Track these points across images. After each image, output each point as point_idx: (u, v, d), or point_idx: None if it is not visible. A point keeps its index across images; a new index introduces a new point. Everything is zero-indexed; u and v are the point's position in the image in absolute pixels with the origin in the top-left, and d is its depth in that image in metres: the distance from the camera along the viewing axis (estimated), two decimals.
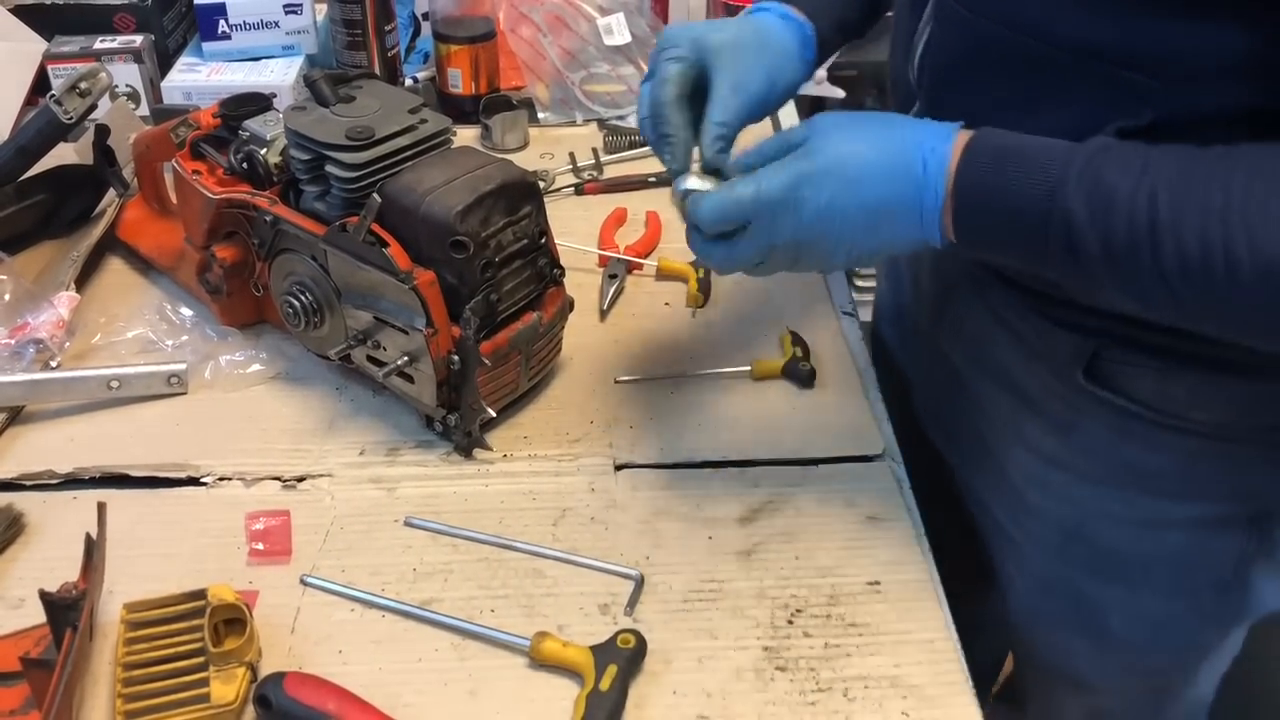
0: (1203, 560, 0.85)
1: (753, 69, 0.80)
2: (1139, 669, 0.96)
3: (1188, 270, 0.61)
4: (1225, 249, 0.59)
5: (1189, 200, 0.61)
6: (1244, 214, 0.59)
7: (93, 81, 1.09)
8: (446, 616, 0.77)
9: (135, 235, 1.14)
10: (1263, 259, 0.58)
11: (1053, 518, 0.89)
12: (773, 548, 0.83)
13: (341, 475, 0.89)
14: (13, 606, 0.79)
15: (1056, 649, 0.98)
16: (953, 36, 0.76)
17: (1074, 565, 0.90)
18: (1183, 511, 0.83)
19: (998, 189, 0.66)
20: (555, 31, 1.44)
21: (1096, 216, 0.63)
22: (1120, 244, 0.62)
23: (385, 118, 0.90)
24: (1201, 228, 0.60)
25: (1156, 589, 0.88)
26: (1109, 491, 0.84)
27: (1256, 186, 0.59)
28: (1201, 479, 0.81)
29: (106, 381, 0.95)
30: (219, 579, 0.78)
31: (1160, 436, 0.79)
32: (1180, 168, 0.62)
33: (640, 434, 0.93)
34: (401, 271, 0.84)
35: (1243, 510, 0.82)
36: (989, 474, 0.94)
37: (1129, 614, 0.90)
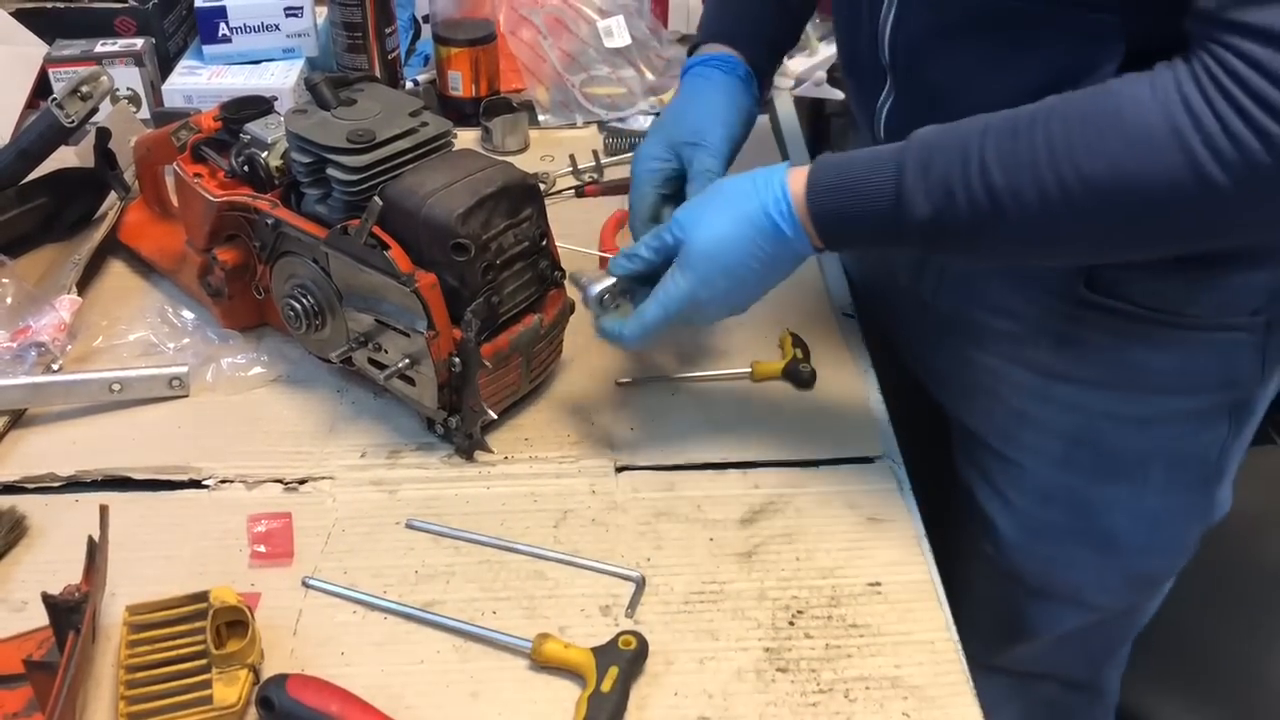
0: (1194, 453, 0.93)
1: (712, 134, 0.93)
2: (1136, 574, 1.02)
3: (1037, 222, 0.69)
4: (1061, 189, 0.67)
5: (1016, 163, 0.68)
6: (1067, 153, 0.67)
7: (94, 85, 1.09)
8: (448, 618, 0.77)
9: (136, 238, 1.14)
10: (1095, 183, 0.66)
11: (1055, 428, 0.94)
12: (773, 549, 0.83)
13: (343, 478, 0.89)
14: (15, 609, 0.79)
15: (1059, 563, 1.02)
16: (920, 11, 0.81)
17: (1078, 472, 0.95)
18: (1179, 405, 0.90)
19: (850, 218, 0.76)
20: (555, 34, 1.44)
21: (942, 211, 0.71)
22: (971, 224, 0.71)
23: (386, 121, 0.90)
24: (1035, 181, 0.68)
25: (1155, 486, 0.94)
26: (1111, 394, 0.90)
27: (1071, 129, 0.67)
28: (1195, 371, 0.88)
29: (108, 384, 0.95)
30: (221, 581, 0.78)
31: (1158, 335, 0.86)
32: (998, 138, 0.70)
33: (641, 436, 0.93)
34: (403, 274, 0.84)
35: (1226, 400, 0.90)
36: (982, 405, 0.98)
37: (1132, 514, 0.96)
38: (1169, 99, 0.64)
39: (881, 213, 0.74)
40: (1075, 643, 1.09)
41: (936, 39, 0.81)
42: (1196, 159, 0.63)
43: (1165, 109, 0.64)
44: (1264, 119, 0.61)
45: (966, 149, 0.70)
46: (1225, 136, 0.62)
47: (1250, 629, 1.28)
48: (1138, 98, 0.65)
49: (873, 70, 0.88)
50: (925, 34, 0.82)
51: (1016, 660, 1.12)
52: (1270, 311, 0.85)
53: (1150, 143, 0.64)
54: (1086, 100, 0.68)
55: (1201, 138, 0.63)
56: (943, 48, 0.81)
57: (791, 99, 1.48)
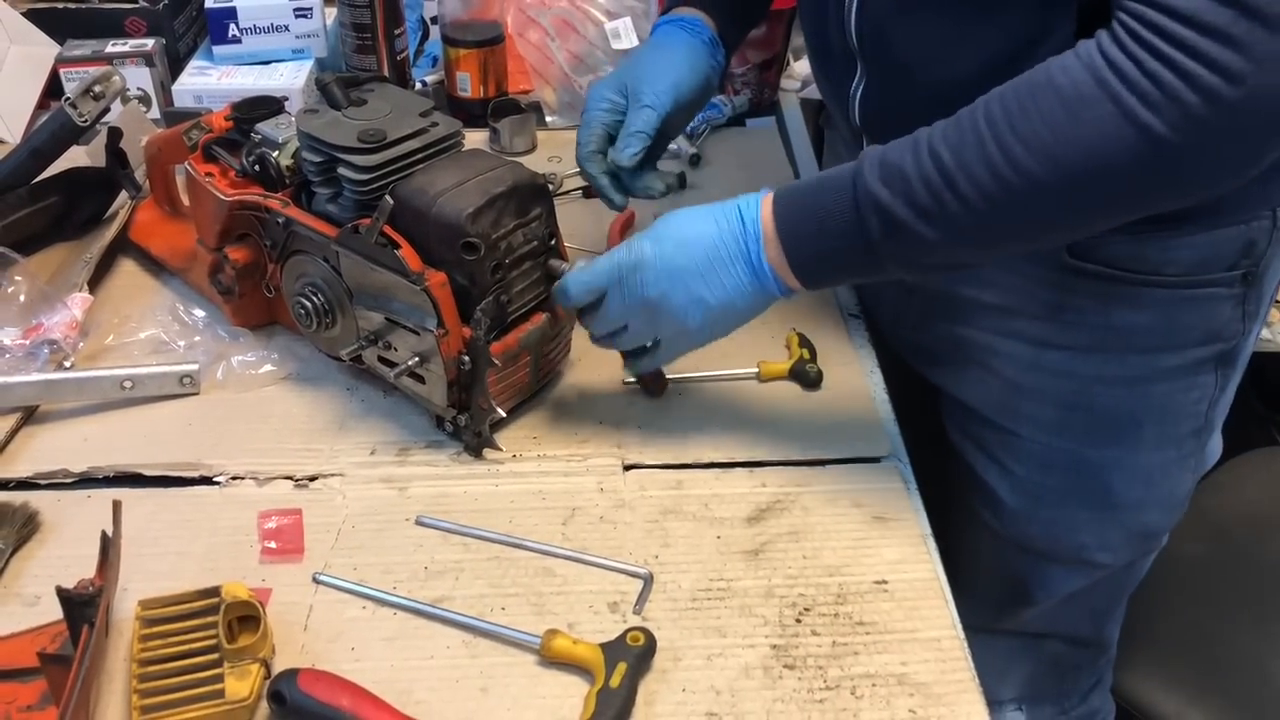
0: (1184, 407, 0.96)
1: (660, 82, 0.97)
2: (1135, 530, 1.04)
3: (990, 196, 0.70)
4: (1008, 162, 0.69)
5: (964, 144, 0.71)
6: (1008, 126, 0.69)
7: (106, 85, 1.10)
8: (458, 614, 0.78)
9: (147, 237, 1.15)
10: (1038, 149, 0.68)
11: (1049, 396, 0.96)
12: (780, 547, 0.83)
13: (353, 475, 0.90)
14: (29, 604, 0.79)
15: (1060, 526, 1.04)
16: None
17: (1073, 436, 0.97)
18: (1166, 361, 0.92)
19: (812, 207, 0.78)
20: (563, 35, 1.45)
21: (898, 190, 0.73)
22: (928, 203, 0.72)
23: (396, 121, 0.91)
24: (983, 158, 0.70)
25: (1148, 443, 0.97)
26: (1101, 357, 0.93)
27: (1009, 105, 0.69)
28: (1179, 328, 0.90)
29: (120, 382, 0.96)
30: (232, 577, 0.78)
31: (1142, 295, 0.88)
32: (941, 128, 0.72)
33: (648, 434, 0.94)
34: (413, 273, 0.85)
35: (1210, 353, 0.92)
36: (975, 379, 1.00)
37: (1127, 472, 0.99)
38: (1092, 58, 0.66)
39: (846, 221, 0.76)
40: (1079, 601, 1.11)
41: (899, 16, 0.84)
42: (1127, 107, 0.64)
43: (1090, 67, 0.66)
44: (1185, 60, 0.62)
45: (916, 141, 0.74)
46: (1150, 82, 0.63)
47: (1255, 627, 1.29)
48: (1065, 64, 0.68)
49: (843, 57, 0.91)
50: (888, 12, 0.85)
51: (1023, 623, 1.14)
52: (1245, 265, 0.88)
53: (1081, 100, 0.66)
54: (1022, 79, 0.70)
55: (1127, 86, 0.64)
56: (906, 24, 0.84)
57: (798, 101, 1.49)
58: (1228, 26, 0.60)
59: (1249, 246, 0.87)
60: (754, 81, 1.43)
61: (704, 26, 1.01)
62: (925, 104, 0.83)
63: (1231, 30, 0.60)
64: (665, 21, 1.03)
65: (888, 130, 0.90)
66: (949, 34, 0.81)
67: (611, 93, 0.99)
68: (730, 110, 1.40)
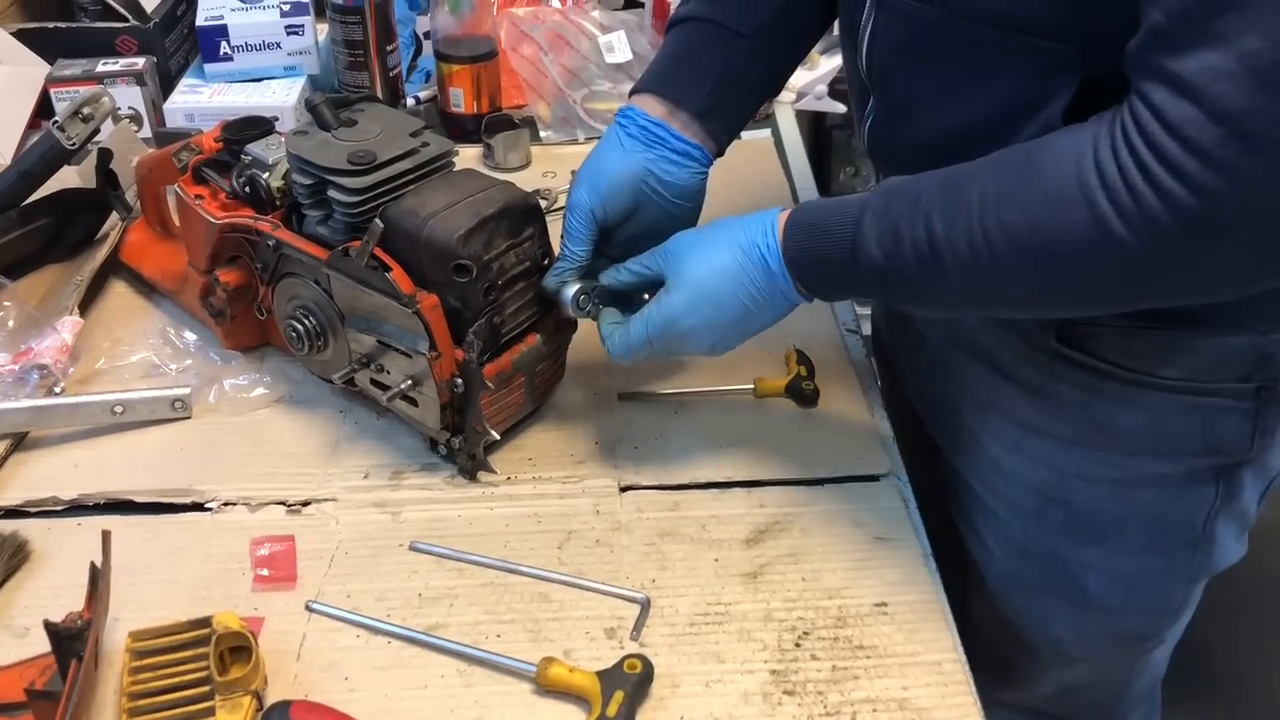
0: (1175, 517, 0.90)
1: (578, 197, 0.89)
2: (1116, 633, 0.99)
3: (967, 270, 0.70)
4: (986, 241, 0.68)
5: (956, 215, 0.70)
6: (994, 205, 0.68)
7: (95, 106, 1.09)
8: (452, 642, 0.77)
9: (138, 258, 1.14)
10: (1015, 238, 0.67)
11: (1029, 482, 0.93)
12: (779, 569, 0.83)
13: (346, 499, 0.89)
14: (17, 635, 0.78)
15: (1035, 615, 1.00)
16: (893, 26, 0.81)
17: (1050, 529, 0.93)
18: (1155, 468, 0.87)
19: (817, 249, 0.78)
20: (556, 50, 1.45)
21: (889, 253, 0.73)
22: (914, 268, 0.72)
23: (387, 141, 0.90)
24: (967, 232, 0.69)
25: (1131, 548, 0.92)
26: (1083, 452, 0.88)
27: (1002, 184, 0.68)
28: (1172, 435, 0.85)
29: (110, 407, 0.95)
30: (224, 605, 0.77)
31: (1131, 394, 0.83)
32: (944, 189, 0.71)
33: (645, 455, 0.93)
34: (404, 295, 0.84)
35: (1210, 464, 0.86)
36: (967, 446, 0.98)
37: (1106, 575, 0.94)
38: (1082, 153, 0.64)
39: (842, 254, 0.76)
40: (1080, 691, 1.06)
41: (903, 57, 0.82)
42: (1100, 213, 0.63)
43: (1077, 163, 0.64)
44: (1165, 176, 0.60)
45: (919, 196, 0.72)
46: (1127, 192, 0.61)
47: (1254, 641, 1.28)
48: (1059, 151, 0.66)
49: (859, 84, 0.89)
50: (894, 51, 0.83)
51: (1027, 700, 1.09)
52: (1261, 379, 0.82)
53: (1060, 197, 0.65)
54: (1021, 152, 0.69)
55: (1106, 192, 0.62)
56: (910, 66, 0.82)
57: (793, 112, 1.48)
58: (1216, 148, 0.58)
59: (1265, 360, 0.80)
60: None
61: (636, 115, 0.90)
62: (926, 145, 0.82)
63: (1219, 152, 0.58)
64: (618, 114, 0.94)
65: (893, 161, 0.89)
66: (950, 82, 0.78)
67: (585, 208, 0.90)
68: None
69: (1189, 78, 0.58)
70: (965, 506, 1.01)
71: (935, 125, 0.81)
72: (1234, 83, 0.57)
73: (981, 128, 0.77)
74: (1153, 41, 0.61)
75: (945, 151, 0.78)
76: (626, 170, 0.89)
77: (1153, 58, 0.60)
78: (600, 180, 0.89)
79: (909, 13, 0.78)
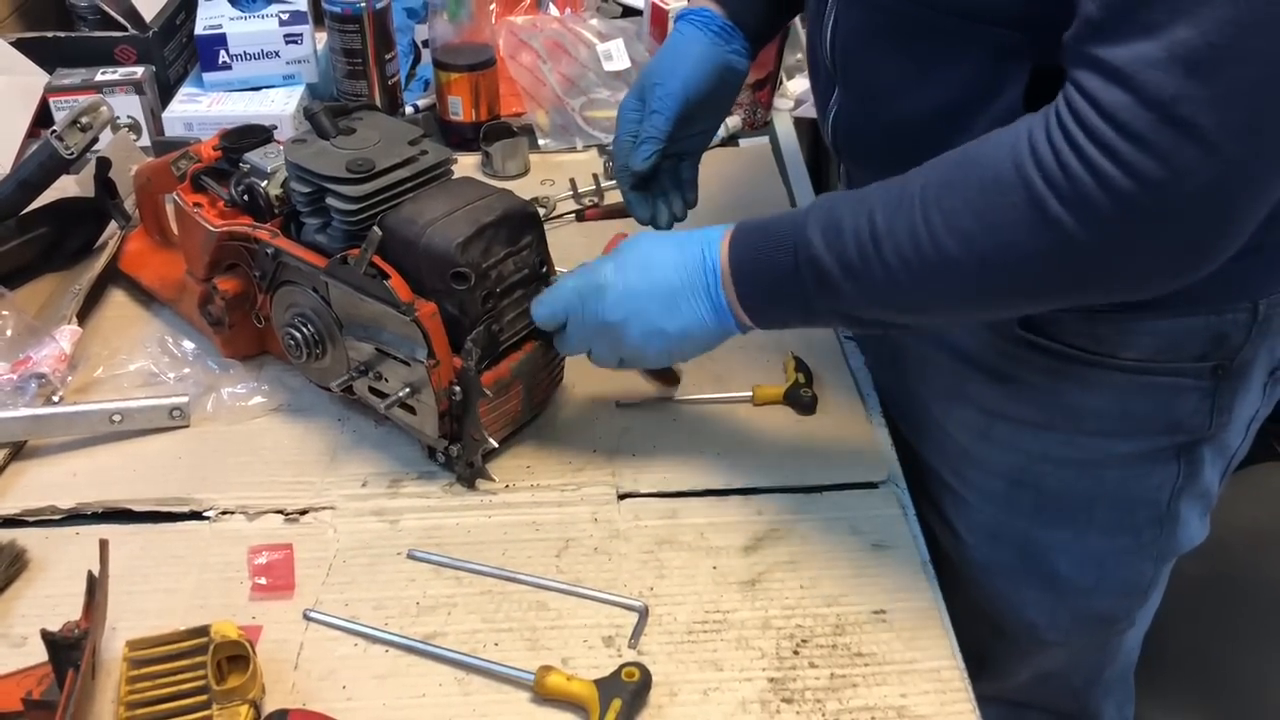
0: (1140, 495, 0.92)
1: (668, 84, 0.96)
2: (1089, 615, 1.01)
3: (909, 264, 0.70)
4: (928, 229, 0.68)
5: (897, 209, 0.70)
6: (937, 203, 0.68)
7: (94, 115, 1.09)
8: (450, 651, 0.77)
9: (137, 267, 1.14)
10: (954, 225, 0.67)
11: (998, 468, 0.94)
12: (777, 576, 0.82)
13: (344, 508, 0.89)
14: (15, 645, 0.78)
15: (1009, 601, 1.01)
16: (854, 13, 0.83)
17: (1020, 512, 0.95)
18: (1120, 448, 0.89)
19: (760, 248, 0.78)
20: (555, 58, 1.45)
21: (831, 243, 0.73)
22: (854, 260, 0.72)
23: (385, 150, 0.90)
24: (909, 226, 0.69)
25: (1100, 528, 0.94)
26: (1050, 435, 0.90)
27: (943, 176, 0.69)
28: (1135, 415, 0.87)
29: (109, 415, 0.95)
30: (222, 614, 0.77)
31: (1094, 376, 0.85)
32: (887, 187, 0.72)
33: (643, 462, 0.93)
34: (403, 303, 0.84)
35: (1171, 443, 0.89)
36: (934, 436, 0.99)
37: (1076, 556, 0.96)
38: (1018, 140, 0.65)
39: (783, 255, 0.76)
40: (1054, 678, 1.08)
41: (864, 43, 0.84)
42: (1038, 198, 0.63)
43: (1013, 148, 0.65)
44: (1100, 158, 0.60)
45: (863, 196, 0.73)
46: (1063, 175, 0.62)
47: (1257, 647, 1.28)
48: (998, 142, 0.67)
49: (825, 75, 0.91)
50: (854, 38, 0.85)
51: (1001, 690, 1.11)
52: (1217, 357, 0.84)
53: (999, 186, 0.65)
54: (963, 150, 0.69)
55: (1042, 175, 0.63)
56: (870, 52, 0.84)
57: (791, 119, 1.48)
58: (1149, 132, 0.59)
59: (1220, 339, 0.83)
60: (747, 101, 1.42)
61: (714, 16, 0.98)
62: (888, 134, 0.84)
63: (1151, 136, 0.59)
64: (679, 18, 1.01)
65: (857, 153, 0.91)
66: (907, 69, 0.80)
67: (635, 101, 0.99)
68: (724, 131, 1.40)
69: (1121, 65, 0.59)
70: (935, 497, 1.02)
71: (895, 113, 0.83)
72: (1164, 70, 0.58)
73: (941, 114, 0.79)
74: (1087, 32, 0.62)
75: (906, 140, 0.80)
76: (712, 61, 0.97)
77: (1086, 47, 0.62)
78: (687, 67, 0.96)
79: (867, 2, 0.81)
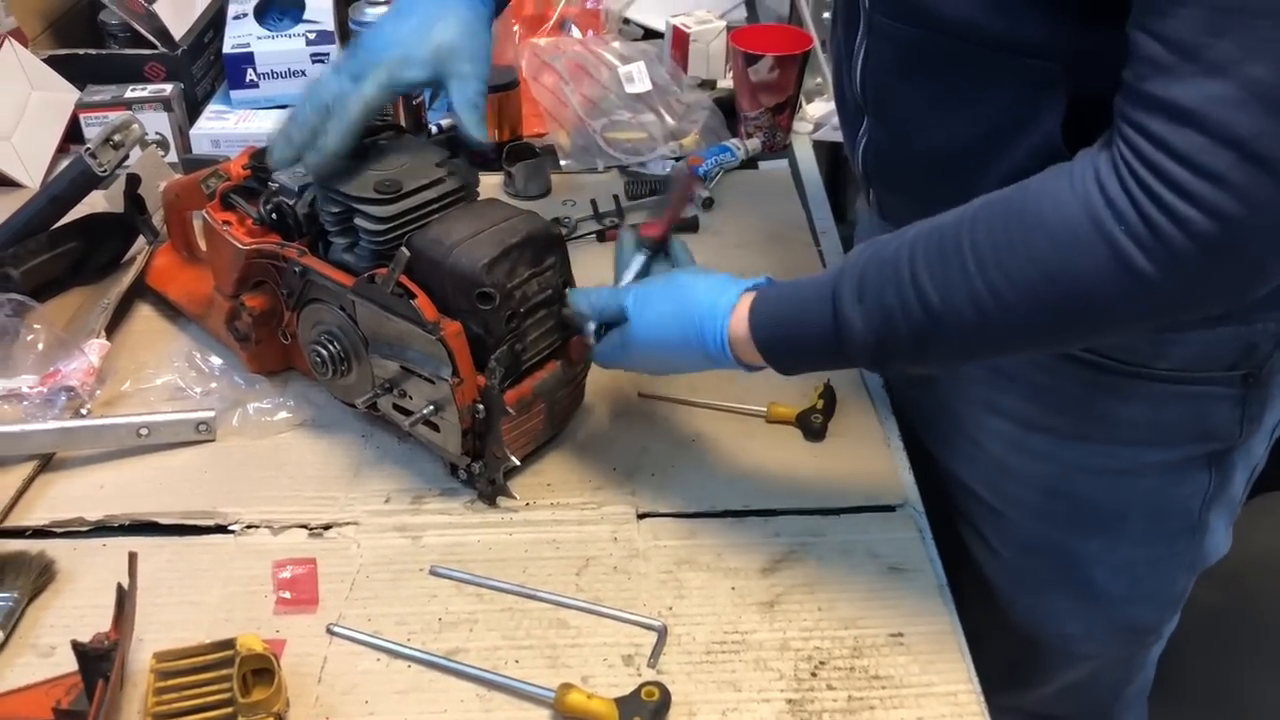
0: (1174, 505, 0.94)
1: None
2: (1123, 624, 1.02)
3: (971, 329, 0.69)
4: (993, 297, 0.67)
5: (950, 282, 0.68)
6: (995, 261, 0.67)
7: (126, 133, 1.11)
8: (471, 667, 0.78)
9: (164, 282, 1.15)
10: (1026, 287, 0.66)
11: (1033, 479, 0.96)
12: (795, 598, 0.83)
13: (367, 523, 0.90)
14: (44, 654, 0.80)
15: (1044, 613, 1.03)
16: (885, 47, 0.84)
17: (1055, 523, 0.97)
18: (1153, 457, 0.91)
19: (796, 349, 0.78)
20: (577, 80, 1.46)
21: (882, 333, 0.72)
22: (913, 341, 0.71)
23: (412, 171, 0.92)
24: (968, 292, 0.68)
25: (1134, 538, 0.95)
26: (1085, 446, 0.92)
27: (997, 238, 0.67)
28: (1168, 424, 0.89)
29: (136, 429, 0.96)
30: (246, 627, 0.78)
31: (1129, 386, 0.87)
32: (926, 253, 0.70)
33: (661, 482, 0.94)
34: (429, 323, 0.85)
35: (1203, 451, 0.91)
36: (966, 452, 1.00)
37: (1111, 565, 0.97)
38: (1088, 192, 0.64)
39: (825, 341, 0.75)
40: (1080, 690, 1.09)
41: (897, 76, 0.84)
42: (1121, 250, 0.62)
43: (1085, 203, 0.64)
44: (1179, 204, 0.60)
45: (898, 269, 0.71)
46: (1144, 225, 0.61)
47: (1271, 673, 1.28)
48: (1057, 195, 0.65)
49: (853, 106, 0.92)
50: (887, 70, 0.85)
51: (1023, 703, 1.12)
52: (1246, 366, 0.86)
53: (1074, 239, 0.64)
54: (1007, 203, 0.68)
55: (1123, 228, 0.62)
56: (903, 86, 0.84)
57: (811, 143, 1.50)
58: (1228, 171, 0.58)
59: (1250, 349, 0.85)
60: (767, 125, 1.43)
61: None
62: (921, 165, 0.85)
63: (1231, 175, 0.58)
64: None
65: (889, 182, 0.92)
66: (942, 100, 0.81)
67: None
68: (743, 153, 1.41)
69: (1192, 106, 0.59)
70: (966, 510, 1.03)
71: (930, 144, 0.84)
72: (1239, 109, 0.58)
73: (976, 145, 0.79)
74: (1148, 72, 0.61)
75: (941, 169, 0.81)
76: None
77: (1148, 88, 0.61)
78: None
79: (900, 35, 0.81)
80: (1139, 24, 0.62)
